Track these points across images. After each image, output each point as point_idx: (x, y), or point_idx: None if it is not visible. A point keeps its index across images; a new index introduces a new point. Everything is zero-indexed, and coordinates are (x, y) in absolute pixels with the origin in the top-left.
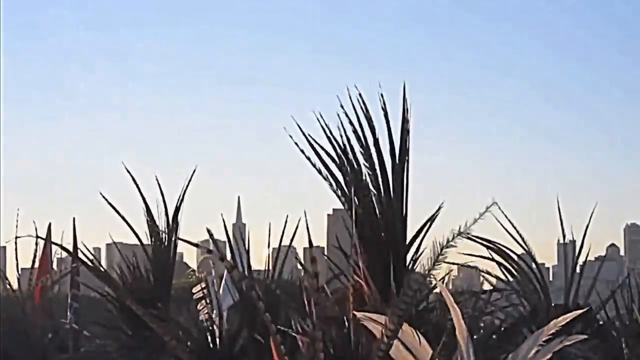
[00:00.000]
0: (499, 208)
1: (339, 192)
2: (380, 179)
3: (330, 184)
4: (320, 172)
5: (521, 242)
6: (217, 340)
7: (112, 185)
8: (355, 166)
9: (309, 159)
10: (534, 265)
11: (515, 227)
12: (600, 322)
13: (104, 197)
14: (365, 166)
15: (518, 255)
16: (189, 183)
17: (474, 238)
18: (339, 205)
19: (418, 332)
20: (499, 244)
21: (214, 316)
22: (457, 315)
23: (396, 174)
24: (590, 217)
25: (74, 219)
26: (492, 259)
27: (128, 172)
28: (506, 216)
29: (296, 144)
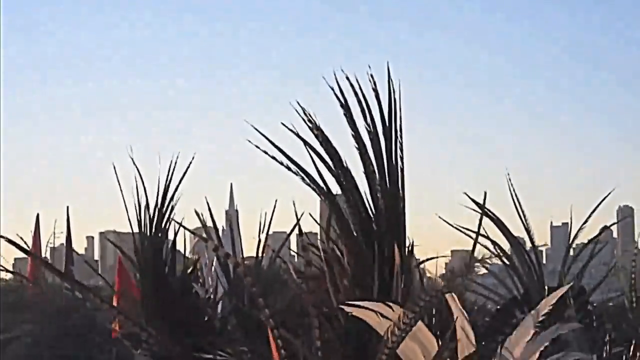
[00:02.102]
0: (509, 184)
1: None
2: (374, 162)
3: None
4: (289, 168)
5: (523, 219)
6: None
7: (101, 172)
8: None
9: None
10: (529, 247)
11: (520, 204)
12: (594, 304)
13: (119, 184)
14: (357, 148)
15: (514, 237)
16: (186, 171)
17: (478, 204)
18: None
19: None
20: (499, 218)
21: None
22: (461, 317)
23: (390, 156)
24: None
25: (67, 207)
26: (487, 237)
27: (134, 161)
28: (515, 193)
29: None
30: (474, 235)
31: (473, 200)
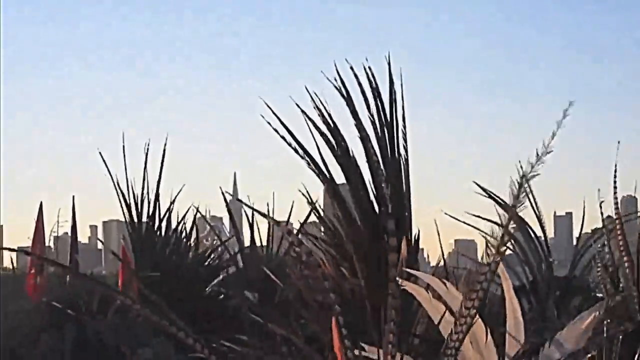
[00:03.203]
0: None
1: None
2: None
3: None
4: (297, 151)
5: (535, 209)
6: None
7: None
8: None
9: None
10: (539, 235)
11: (533, 195)
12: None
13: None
14: (360, 138)
15: (527, 226)
16: (164, 155)
17: (488, 192)
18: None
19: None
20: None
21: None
22: (508, 285)
23: (393, 146)
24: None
25: (73, 197)
26: (499, 224)
27: (102, 160)
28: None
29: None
30: (478, 227)
31: (483, 189)
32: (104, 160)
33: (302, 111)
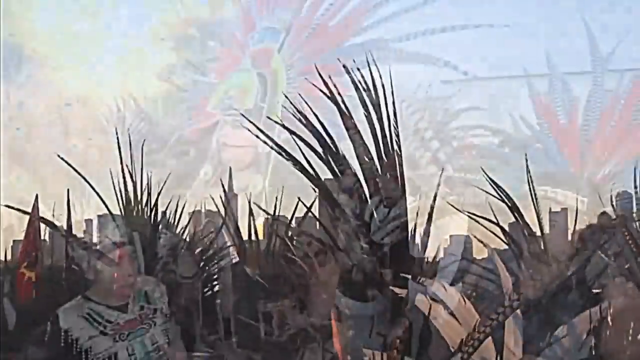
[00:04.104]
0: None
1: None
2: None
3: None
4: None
5: (535, 206)
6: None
7: (98, 155)
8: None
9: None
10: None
11: (535, 192)
12: (596, 291)
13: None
14: (347, 130)
15: (524, 220)
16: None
17: (496, 186)
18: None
19: (464, 296)
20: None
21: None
22: (508, 284)
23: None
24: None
25: (67, 190)
26: (497, 223)
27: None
28: (532, 180)
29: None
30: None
31: (492, 181)
32: (69, 165)
33: (276, 121)
